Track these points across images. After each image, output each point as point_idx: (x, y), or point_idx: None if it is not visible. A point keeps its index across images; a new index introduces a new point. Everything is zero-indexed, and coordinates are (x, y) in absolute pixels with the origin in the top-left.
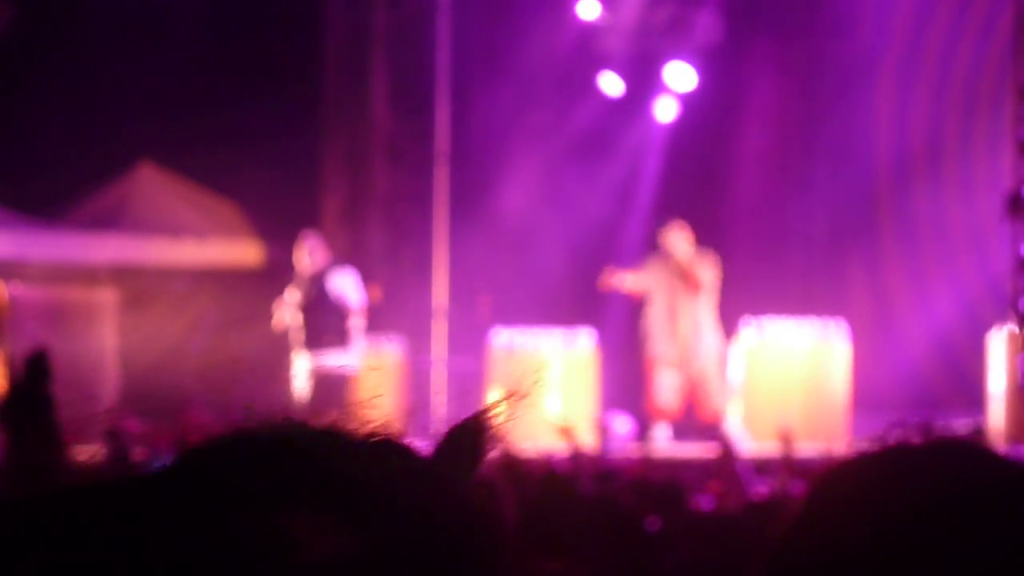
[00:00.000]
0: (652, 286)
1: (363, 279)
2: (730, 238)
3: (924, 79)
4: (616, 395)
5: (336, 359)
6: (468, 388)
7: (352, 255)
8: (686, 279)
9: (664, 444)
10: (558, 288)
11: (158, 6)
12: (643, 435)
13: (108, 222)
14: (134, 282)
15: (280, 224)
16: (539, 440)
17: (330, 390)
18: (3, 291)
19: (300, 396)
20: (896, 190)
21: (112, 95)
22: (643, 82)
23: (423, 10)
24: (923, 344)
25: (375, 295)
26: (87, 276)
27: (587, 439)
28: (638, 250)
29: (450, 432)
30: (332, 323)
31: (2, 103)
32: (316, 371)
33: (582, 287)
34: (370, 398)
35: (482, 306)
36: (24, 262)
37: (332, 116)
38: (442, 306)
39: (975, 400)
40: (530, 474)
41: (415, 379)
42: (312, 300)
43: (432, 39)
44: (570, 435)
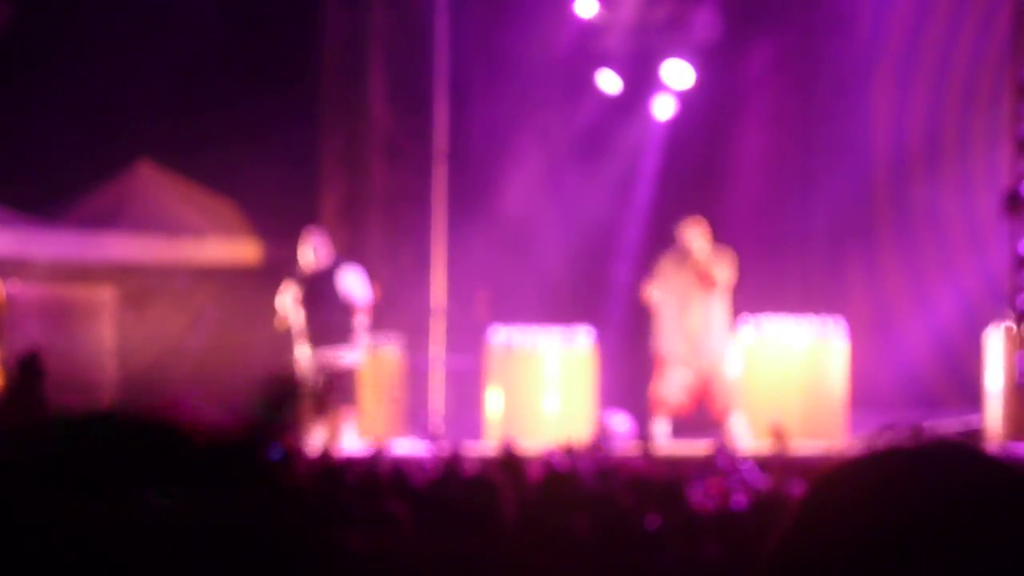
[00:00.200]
0: (667, 285)
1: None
2: (728, 236)
3: (922, 76)
4: (615, 393)
5: (340, 354)
6: (466, 386)
7: (350, 253)
8: (702, 278)
9: (663, 440)
10: (556, 286)
11: (157, 5)
12: (643, 431)
13: (107, 220)
14: (133, 280)
15: (279, 222)
16: (539, 438)
17: (332, 384)
18: (2, 289)
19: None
20: (894, 188)
21: (111, 94)
22: (641, 80)
23: (421, 8)
24: (921, 342)
25: (376, 293)
26: (86, 274)
27: (586, 437)
28: (636, 247)
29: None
30: (338, 319)
31: (1, 102)
32: (319, 366)
33: (580, 285)
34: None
35: (480, 304)
36: (23, 260)
37: (330, 114)
38: (440, 304)
39: (973, 398)
40: (530, 472)
41: (413, 377)
42: (318, 296)
43: (430, 37)
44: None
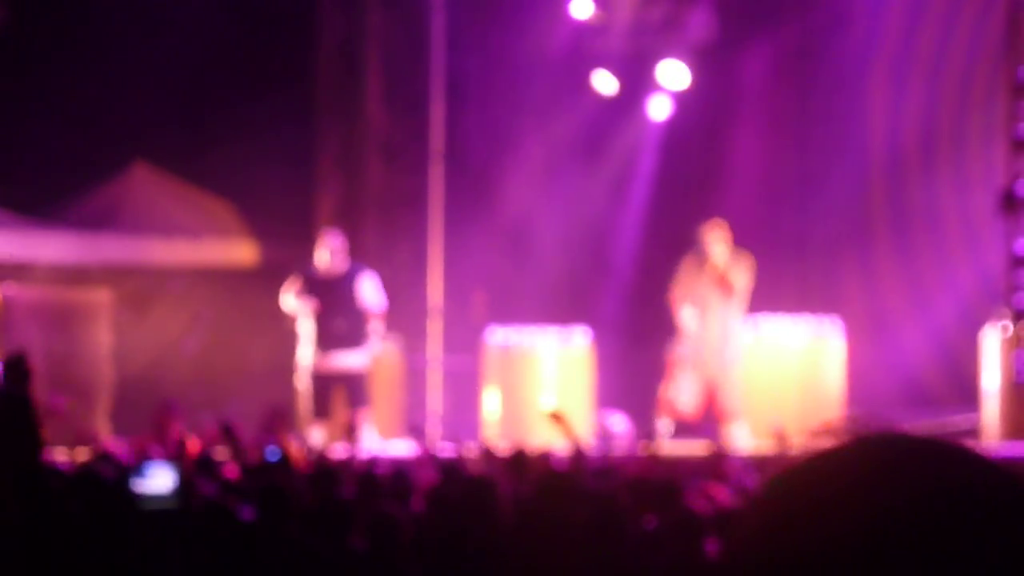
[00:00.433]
0: (696, 290)
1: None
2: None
3: (918, 76)
4: (612, 393)
5: (352, 358)
6: (464, 387)
7: (347, 254)
8: (720, 283)
9: (665, 439)
10: (553, 286)
11: (153, 6)
12: (646, 430)
13: (103, 222)
14: (129, 282)
15: (275, 223)
16: (538, 437)
17: (339, 389)
18: None
19: (305, 393)
20: (891, 188)
21: (107, 96)
22: (637, 81)
23: (417, 9)
24: (918, 342)
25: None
26: (83, 276)
27: (583, 436)
28: (632, 248)
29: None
30: (353, 324)
31: None
32: (328, 370)
33: (577, 285)
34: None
35: (477, 304)
36: (19, 262)
37: (327, 115)
38: (437, 305)
39: (970, 397)
40: (531, 471)
41: (411, 378)
42: (334, 301)
43: (427, 38)
44: (563, 422)
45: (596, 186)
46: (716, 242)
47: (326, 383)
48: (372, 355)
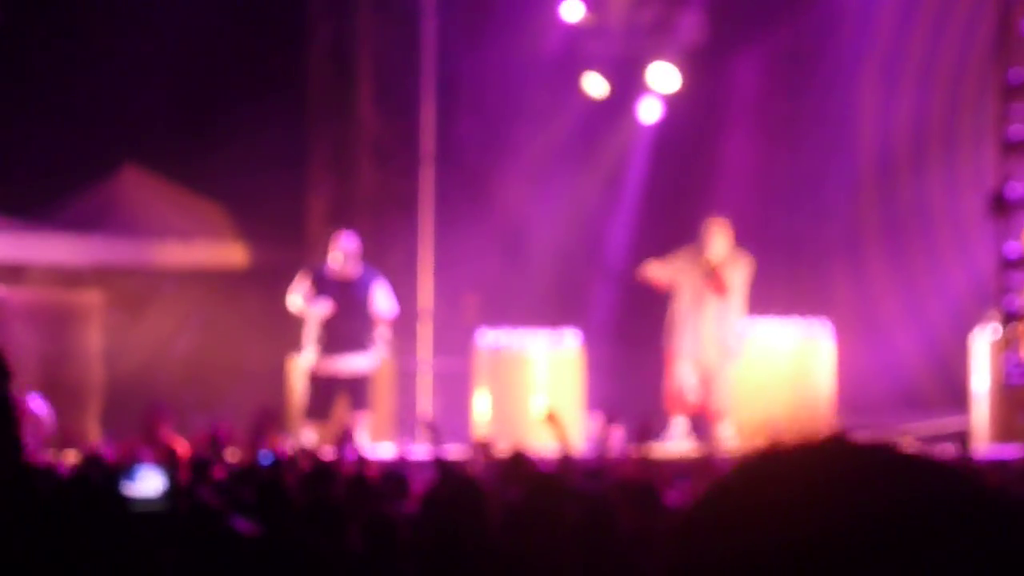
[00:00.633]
0: (681, 279)
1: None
2: None
3: (909, 78)
4: (602, 395)
5: (355, 361)
6: (454, 389)
7: (326, 259)
8: (713, 280)
9: (681, 438)
10: (544, 289)
11: (143, 9)
12: (637, 432)
13: (93, 224)
14: (119, 284)
15: (266, 226)
16: (529, 438)
17: (342, 392)
18: None
19: (302, 395)
20: (881, 190)
21: (97, 98)
22: (627, 83)
23: (409, 11)
24: (908, 344)
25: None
26: (73, 278)
27: (575, 437)
28: (623, 250)
29: None
30: (360, 328)
31: None
32: (331, 372)
33: (568, 287)
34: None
35: (468, 307)
36: (9, 264)
37: (318, 117)
38: (428, 307)
39: (960, 400)
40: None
41: (401, 380)
42: (345, 305)
43: (418, 41)
44: (556, 424)
45: (587, 189)
46: (716, 238)
47: (328, 385)
48: (378, 359)
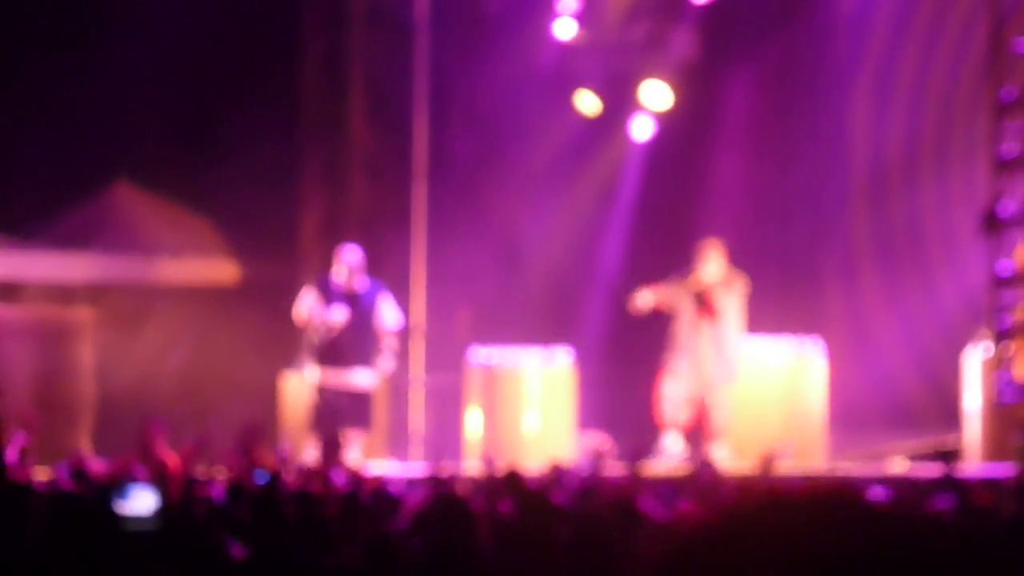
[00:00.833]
0: (676, 302)
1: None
2: None
3: (900, 95)
4: (594, 413)
5: (358, 377)
6: (447, 406)
7: (326, 273)
8: (704, 306)
9: (676, 454)
10: (537, 306)
11: (135, 24)
12: (629, 450)
13: (85, 241)
14: (111, 300)
15: (258, 241)
16: (519, 458)
17: (346, 406)
18: None
19: (309, 410)
20: (873, 207)
21: (88, 113)
22: (620, 100)
23: (401, 27)
24: (900, 361)
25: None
26: (64, 295)
27: (567, 456)
28: (615, 267)
29: None
30: (365, 342)
31: None
32: (335, 386)
33: (560, 304)
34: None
35: (460, 323)
36: (1, 281)
37: (310, 133)
38: (420, 324)
39: (952, 417)
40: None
41: (394, 396)
42: (349, 318)
43: (410, 56)
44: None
45: (580, 206)
46: (707, 261)
47: (332, 399)
48: (385, 371)
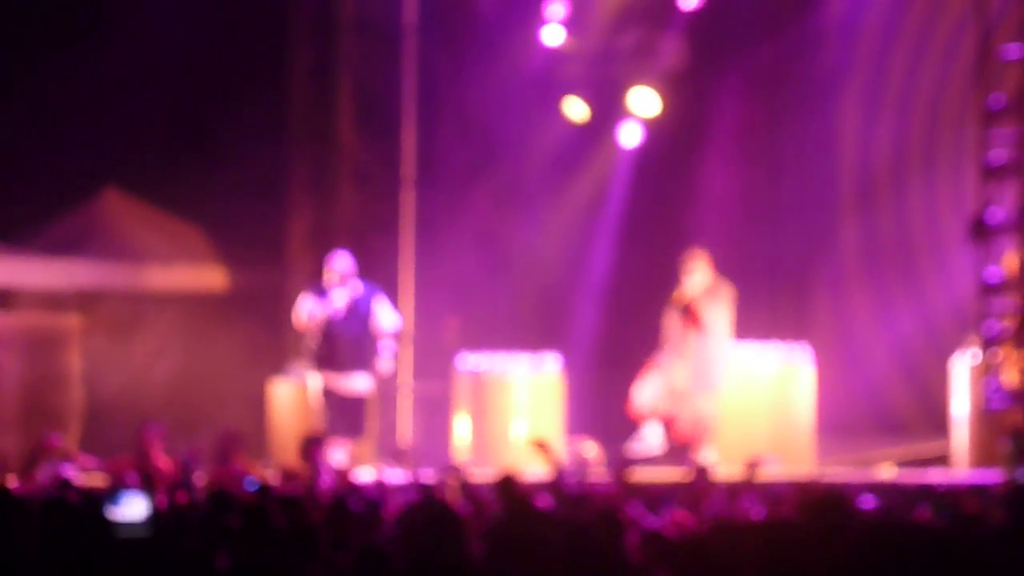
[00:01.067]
0: (667, 318)
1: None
2: None
3: (889, 103)
4: (582, 419)
5: (353, 382)
6: (435, 413)
7: (318, 280)
8: (688, 317)
9: (656, 443)
10: (524, 313)
11: (123, 32)
12: (617, 456)
13: (74, 248)
14: (100, 308)
15: (246, 249)
16: (510, 463)
17: (344, 411)
18: None
19: (322, 416)
20: (861, 214)
21: (77, 121)
22: (608, 107)
23: (389, 34)
24: (887, 368)
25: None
26: (53, 302)
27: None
28: (603, 274)
29: None
30: (361, 346)
31: None
32: (331, 391)
33: (549, 311)
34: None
35: (449, 330)
36: None
37: (298, 141)
38: (408, 331)
39: (939, 424)
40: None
41: (382, 403)
42: (347, 323)
43: (399, 63)
44: (545, 450)
45: (568, 213)
46: (691, 272)
47: (338, 402)
48: (385, 372)
